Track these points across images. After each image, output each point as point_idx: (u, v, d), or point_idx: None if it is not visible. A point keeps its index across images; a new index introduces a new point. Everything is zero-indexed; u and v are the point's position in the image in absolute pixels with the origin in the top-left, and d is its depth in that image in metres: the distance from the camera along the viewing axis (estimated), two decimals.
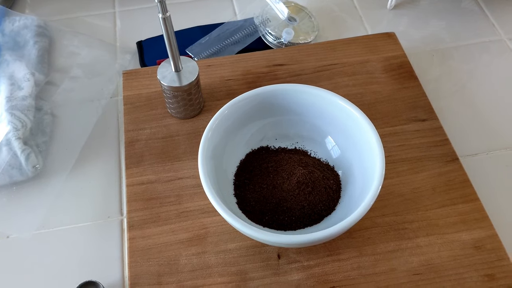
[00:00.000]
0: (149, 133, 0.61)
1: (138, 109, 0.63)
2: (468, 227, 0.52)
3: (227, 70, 0.67)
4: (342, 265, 0.50)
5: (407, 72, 0.66)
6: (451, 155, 0.57)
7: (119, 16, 0.79)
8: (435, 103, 0.64)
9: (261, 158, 0.55)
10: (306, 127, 0.57)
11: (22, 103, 0.62)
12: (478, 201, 0.54)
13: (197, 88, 0.59)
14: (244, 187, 0.53)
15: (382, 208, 0.53)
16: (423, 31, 0.76)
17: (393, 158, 0.57)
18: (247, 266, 0.50)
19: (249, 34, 0.73)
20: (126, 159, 0.58)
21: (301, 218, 0.50)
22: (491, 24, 0.77)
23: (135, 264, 0.50)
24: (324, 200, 0.51)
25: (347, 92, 0.63)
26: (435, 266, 0.49)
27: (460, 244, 0.51)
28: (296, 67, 0.67)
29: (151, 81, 0.66)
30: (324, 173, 0.53)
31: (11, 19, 0.74)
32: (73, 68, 0.71)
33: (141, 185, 0.56)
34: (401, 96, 0.63)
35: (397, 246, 0.51)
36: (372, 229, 0.52)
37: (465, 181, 0.55)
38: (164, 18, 0.51)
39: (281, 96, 0.55)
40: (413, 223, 0.52)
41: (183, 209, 0.54)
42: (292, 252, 0.51)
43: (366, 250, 0.51)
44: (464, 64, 0.71)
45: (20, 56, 0.70)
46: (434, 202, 0.54)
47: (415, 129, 0.60)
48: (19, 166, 0.58)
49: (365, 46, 0.69)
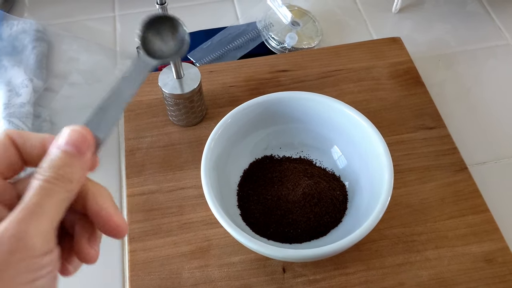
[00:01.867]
0: (150, 142, 0.59)
1: (139, 117, 0.62)
2: (478, 239, 0.50)
3: (230, 76, 0.65)
4: (349, 279, 0.49)
5: (413, 78, 0.64)
6: (460, 164, 0.56)
7: (119, 20, 0.78)
8: (441, 110, 0.63)
9: (265, 168, 0.54)
10: (311, 135, 0.55)
11: (20, 110, 0.61)
12: (488, 212, 0.52)
13: (199, 96, 0.58)
14: (248, 198, 0.52)
15: (389, 220, 0.52)
16: (428, 35, 0.75)
17: (400, 167, 0.56)
18: (251, 280, 0.49)
19: (251, 39, 0.71)
20: (127, 168, 0.57)
21: (307, 231, 0.49)
22: (497, 27, 0.75)
23: (136, 278, 0.49)
24: (331, 212, 0.50)
25: (353, 99, 0.62)
26: (445, 280, 0.48)
27: (471, 257, 0.49)
28: (300, 73, 0.65)
29: (152, 87, 0.64)
30: (330, 184, 0.52)
31: (9, 23, 0.73)
32: (72, 73, 0.69)
33: (142, 195, 0.55)
34: (407, 103, 0.62)
35: (406, 259, 0.50)
36: (380, 241, 0.51)
37: (474, 191, 0.54)
38: None
39: (285, 104, 0.54)
40: (421, 235, 0.51)
41: (185, 220, 0.53)
42: (297, 266, 0.50)
43: (374, 263, 0.49)
44: (471, 69, 0.70)
45: (18, 61, 0.68)
46: (443, 213, 0.52)
47: (422, 137, 0.58)
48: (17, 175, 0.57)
49: (370, 51, 0.68)
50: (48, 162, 0.27)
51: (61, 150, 0.27)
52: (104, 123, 0.30)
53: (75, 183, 0.27)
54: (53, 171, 0.26)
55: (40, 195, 0.26)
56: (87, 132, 0.28)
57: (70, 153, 0.27)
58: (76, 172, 0.27)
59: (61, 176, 0.26)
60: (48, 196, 0.26)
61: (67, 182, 0.27)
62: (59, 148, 0.27)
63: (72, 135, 0.28)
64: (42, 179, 0.26)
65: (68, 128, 0.28)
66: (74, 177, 0.27)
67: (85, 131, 0.28)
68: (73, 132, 0.28)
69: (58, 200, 0.26)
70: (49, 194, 0.26)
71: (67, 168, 0.27)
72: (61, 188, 0.26)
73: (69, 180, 0.27)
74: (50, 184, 0.26)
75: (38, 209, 0.25)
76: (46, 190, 0.26)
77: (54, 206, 0.26)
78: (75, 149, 0.27)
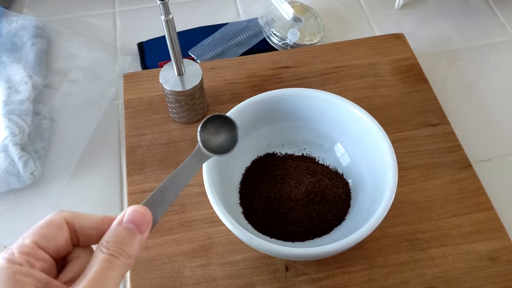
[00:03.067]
0: (151, 139, 0.59)
1: (140, 114, 0.61)
2: (483, 237, 0.50)
3: (231, 72, 0.65)
4: (353, 277, 0.48)
5: (417, 74, 0.64)
6: (464, 162, 0.56)
7: (119, 16, 0.77)
8: (444, 106, 0.62)
9: (268, 165, 0.54)
10: (313, 133, 0.55)
11: (19, 107, 0.60)
12: (492, 210, 0.52)
13: (200, 92, 0.57)
14: (250, 196, 0.51)
15: (393, 218, 0.51)
16: (431, 31, 0.74)
17: (404, 165, 0.55)
18: (253, 278, 0.48)
19: (253, 35, 0.71)
20: (128, 166, 0.56)
21: (309, 229, 0.48)
22: (501, 23, 0.75)
23: (137, 277, 0.49)
24: (334, 210, 0.49)
25: (356, 96, 0.61)
26: (450, 278, 0.48)
27: (475, 256, 0.49)
28: (302, 69, 0.65)
29: (152, 84, 0.64)
30: (333, 182, 0.51)
31: (8, 19, 0.72)
32: (72, 70, 0.69)
33: (143, 193, 0.54)
34: (411, 100, 0.61)
35: (410, 257, 0.49)
36: (384, 239, 0.50)
37: (479, 189, 0.53)
38: (167, 20, 0.49)
39: (287, 101, 0.53)
40: (425, 233, 0.51)
41: (187, 218, 0.52)
42: (300, 264, 0.49)
43: (377, 261, 0.49)
44: (474, 65, 0.69)
45: (17, 58, 0.68)
46: (447, 211, 0.52)
47: (426, 134, 0.58)
48: (16, 173, 0.56)
49: (373, 48, 0.67)
50: (113, 237, 0.30)
51: (124, 227, 0.30)
52: (161, 205, 0.34)
53: (133, 259, 0.30)
54: (117, 246, 0.29)
55: (105, 267, 0.29)
56: (148, 212, 0.32)
57: (132, 231, 0.30)
58: (136, 249, 0.30)
59: (123, 251, 0.29)
60: (112, 269, 0.29)
61: (127, 257, 0.30)
62: (123, 226, 0.30)
63: (135, 215, 0.31)
64: (107, 252, 0.29)
65: (131, 208, 0.32)
66: (133, 253, 0.30)
67: (146, 212, 0.32)
68: (136, 212, 0.31)
69: (119, 273, 0.29)
70: (112, 267, 0.29)
71: (129, 245, 0.30)
72: (122, 262, 0.29)
73: (129, 255, 0.30)
74: (114, 258, 0.29)
75: (104, 280, 0.28)
76: (111, 263, 0.29)
77: (115, 278, 0.29)
78: (137, 228, 0.31)
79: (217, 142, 0.39)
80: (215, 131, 0.39)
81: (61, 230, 0.30)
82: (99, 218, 0.32)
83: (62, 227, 0.30)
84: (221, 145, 0.39)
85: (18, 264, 0.28)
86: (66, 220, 0.31)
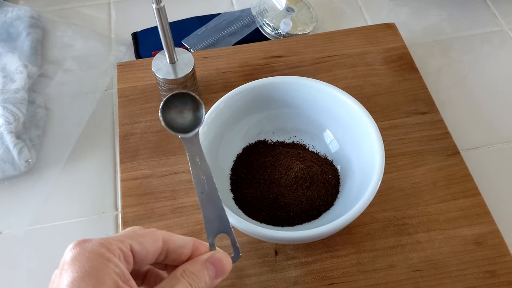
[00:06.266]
0: (144, 127, 0.59)
1: (133, 102, 0.62)
2: (469, 222, 0.51)
3: (224, 62, 0.65)
4: (341, 261, 0.49)
5: (407, 64, 0.64)
6: (452, 149, 0.56)
7: (114, 7, 0.78)
8: (435, 95, 0.63)
9: (258, 152, 0.54)
10: (304, 120, 0.56)
11: (14, 96, 0.61)
12: (479, 196, 0.53)
13: (192, 81, 0.58)
14: (241, 182, 0.52)
15: (381, 203, 0.52)
16: (424, 21, 0.75)
17: (393, 152, 0.56)
18: (243, 262, 0.49)
19: (246, 25, 0.71)
20: (121, 153, 0.57)
21: (299, 214, 0.49)
22: (492, 14, 0.75)
23: None
24: (323, 195, 0.50)
25: (346, 85, 0.62)
26: (436, 262, 0.48)
27: (461, 240, 0.50)
28: (294, 58, 0.65)
29: (146, 73, 0.64)
30: (323, 168, 0.52)
31: (4, 9, 0.73)
32: (67, 60, 0.69)
33: (136, 180, 0.55)
34: (401, 88, 0.62)
35: (397, 242, 0.50)
36: (371, 224, 0.51)
37: (466, 176, 0.54)
38: (158, 9, 0.50)
39: (278, 89, 0.54)
40: (413, 218, 0.51)
41: (178, 204, 0.53)
42: (289, 248, 0.50)
43: (365, 246, 0.50)
44: (465, 55, 0.70)
45: (12, 48, 0.69)
46: (435, 197, 0.53)
47: (415, 122, 0.59)
48: (11, 160, 0.57)
49: (364, 37, 0.68)
50: (195, 271, 0.34)
51: (207, 267, 0.35)
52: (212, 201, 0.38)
53: None
54: (195, 279, 0.33)
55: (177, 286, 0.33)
56: (230, 263, 0.36)
57: (212, 275, 0.35)
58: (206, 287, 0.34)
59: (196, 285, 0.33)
60: None
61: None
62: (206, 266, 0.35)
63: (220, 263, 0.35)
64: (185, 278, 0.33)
65: (220, 253, 0.36)
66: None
67: (229, 263, 0.36)
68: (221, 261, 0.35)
69: None
70: None
71: (203, 284, 0.34)
72: None
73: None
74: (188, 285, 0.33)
75: None
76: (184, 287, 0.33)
77: None
78: (216, 275, 0.35)
79: (180, 121, 0.38)
80: (179, 109, 0.38)
81: (155, 243, 0.34)
82: (190, 239, 0.36)
83: (157, 241, 0.34)
84: (184, 124, 0.38)
85: (111, 253, 0.31)
86: (163, 237, 0.34)
